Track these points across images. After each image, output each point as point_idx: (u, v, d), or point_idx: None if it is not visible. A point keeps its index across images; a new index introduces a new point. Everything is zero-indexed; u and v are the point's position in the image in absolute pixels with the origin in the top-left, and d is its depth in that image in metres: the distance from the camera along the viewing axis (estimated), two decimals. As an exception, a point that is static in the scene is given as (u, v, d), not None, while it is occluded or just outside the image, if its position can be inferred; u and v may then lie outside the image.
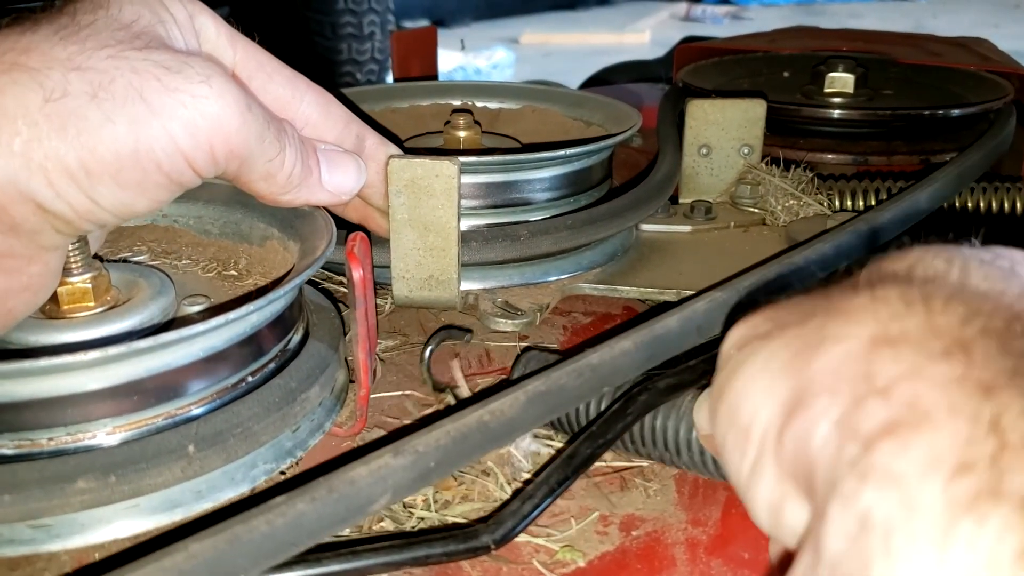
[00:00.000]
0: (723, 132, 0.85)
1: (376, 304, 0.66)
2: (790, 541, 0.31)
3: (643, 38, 6.99)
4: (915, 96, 1.09)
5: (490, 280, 0.71)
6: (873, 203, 0.85)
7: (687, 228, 0.82)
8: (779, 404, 0.31)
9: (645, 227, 0.81)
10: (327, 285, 0.71)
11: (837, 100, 1.06)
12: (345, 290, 0.70)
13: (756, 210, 0.84)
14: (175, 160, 0.43)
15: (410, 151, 0.62)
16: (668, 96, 1.05)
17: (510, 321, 0.66)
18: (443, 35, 1.37)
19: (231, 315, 0.42)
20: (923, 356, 0.26)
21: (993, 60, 1.23)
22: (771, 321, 0.34)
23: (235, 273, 0.58)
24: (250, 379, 0.47)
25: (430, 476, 0.41)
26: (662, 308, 0.63)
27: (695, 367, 0.47)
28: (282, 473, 0.48)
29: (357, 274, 0.49)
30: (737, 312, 0.53)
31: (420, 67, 1.26)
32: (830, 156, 0.99)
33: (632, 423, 0.46)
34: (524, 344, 0.65)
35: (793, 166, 0.86)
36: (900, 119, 1.01)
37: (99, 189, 0.41)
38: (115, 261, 0.57)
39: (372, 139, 0.59)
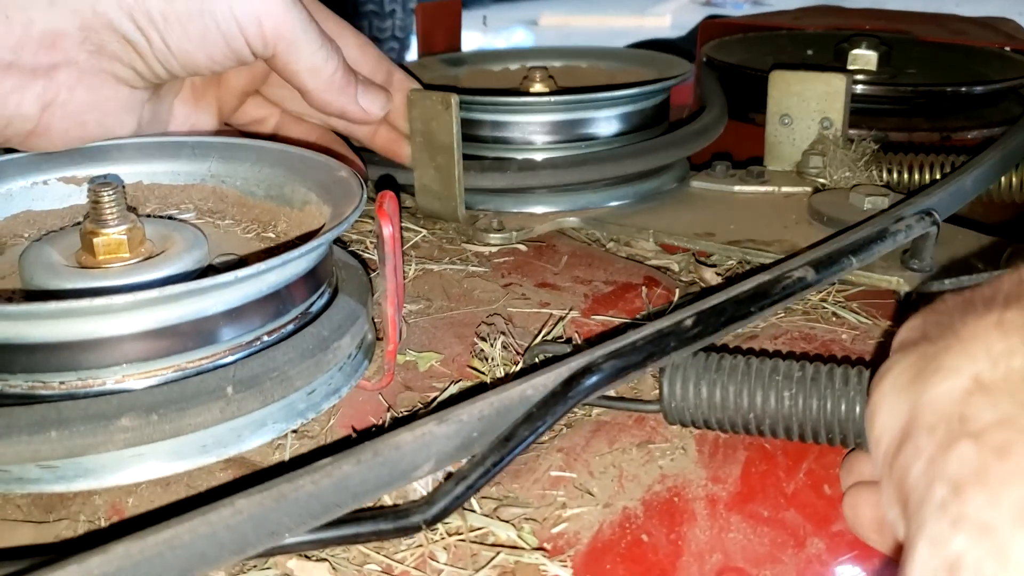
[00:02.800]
0: (803, 103, 0.86)
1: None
2: (887, 551, 0.33)
3: (664, 21, 6.94)
4: (938, 74, 1.09)
5: (509, 204, 0.82)
6: (928, 178, 0.86)
7: (734, 188, 0.84)
8: (897, 427, 0.32)
9: (695, 182, 0.86)
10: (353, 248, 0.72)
11: (859, 77, 1.06)
12: (371, 256, 0.71)
13: (820, 180, 0.85)
14: (230, 24, 0.55)
15: (427, 86, 0.75)
16: (710, 63, 1.07)
17: (496, 235, 0.76)
18: (464, 15, 1.37)
19: (262, 265, 0.43)
20: (1019, 403, 0.27)
21: (1018, 39, 1.22)
22: (921, 328, 0.36)
23: (273, 236, 0.58)
24: (284, 329, 0.48)
25: (472, 446, 0.42)
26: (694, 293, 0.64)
27: (641, 348, 0.46)
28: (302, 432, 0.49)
29: (387, 230, 0.50)
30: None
31: (444, 40, 1.26)
32: (851, 132, 0.99)
33: (573, 405, 0.44)
34: (544, 309, 0.66)
35: (857, 138, 0.87)
36: (922, 96, 1.01)
37: (171, 34, 0.54)
38: (150, 216, 0.58)
39: (399, 74, 0.74)
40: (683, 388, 0.48)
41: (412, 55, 2.92)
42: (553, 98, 0.83)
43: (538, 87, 0.87)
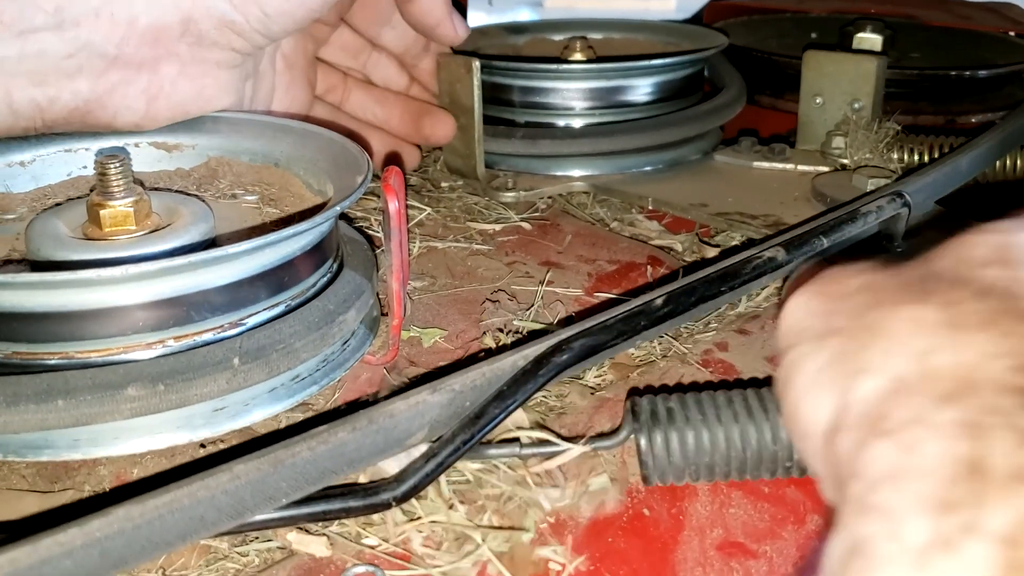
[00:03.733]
0: (835, 85, 0.87)
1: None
2: None
3: (669, 4, 6.91)
4: (943, 59, 1.09)
5: (522, 166, 0.86)
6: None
7: (753, 164, 0.86)
8: (823, 423, 0.33)
9: (719, 156, 0.88)
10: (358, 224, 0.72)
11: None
12: (376, 233, 0.71)
13: (843, 160, 0.85)
14: None
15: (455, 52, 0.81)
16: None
17: (507, 194, 0.81)
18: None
19: (268, 238, 0.44)
20: (934, 401, 0.28)
21: (1022, 24, 1.22)
22: (824, 311, 0.36)
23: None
24: (291, 302, 0.48)
25: (464, 415, 0.42)
26: (692, 268, 0.64)
27: (611, 327, 0.46)
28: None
29: (392, 205, 0.50)
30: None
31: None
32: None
33: (544, 384, 0.44)
34: (548, 288, 0.66)
35: (879, 120, 0.87)
36: (927, 79, 1.01)
37: (269, 2, 0.56)
38: (157, 189, 0.58)
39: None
40: (665, 442, 0.44)
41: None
42: (569, 66, 0.87)
43: (577, 56, 0.91)
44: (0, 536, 0.33)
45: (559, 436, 0.46)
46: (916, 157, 0.86)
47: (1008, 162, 0.88)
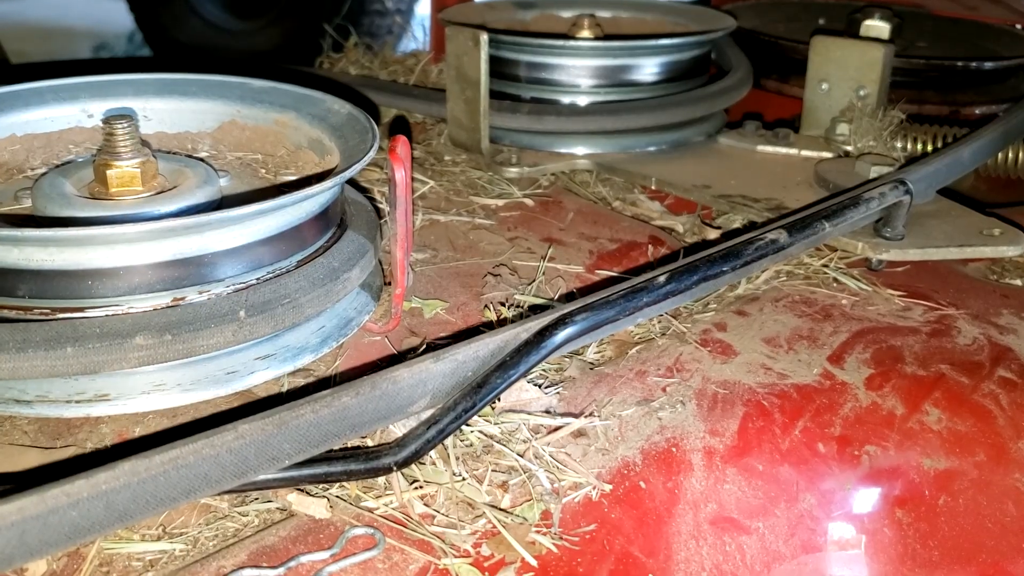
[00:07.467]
0: (841, 71, 0.87)
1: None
2: None
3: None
4: (949, 48, 1.09)
5: (525, 141, 0.86)
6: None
7: (757, 147, 0.87)
8: None
9: (723, 139, 0.89)
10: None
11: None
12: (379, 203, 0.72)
13: (846, 147, 0.85)
14: None
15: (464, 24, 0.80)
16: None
17: (511, 169, 0.81)
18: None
19: (277, 202, 0.44)
20: None
21: (1030, 18, 1.22)
22: None
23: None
24: (297, 261, 0.49)
25: (466, 384, 0.43)
26: (693, 249, 0.64)
27: (614, 303, 0.47)
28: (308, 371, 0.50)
29: (399, 174, 0.50)
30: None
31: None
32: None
33: (546, 356, 0.44)
34: (549, 263, 0.66)
35: (884, 108, 0.87)
36: (933, 69, 1.01)
37: None
38: (164, 152, 0.58)
39: None
40: None
41: (423, 8, 2.90)
42: (576, 43, 0.88)
43: (585, 33, 0.92)
44: (8, 487, 0.33)
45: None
46: (919, 146, 0.86)
47: (1010, 154, 0.89)
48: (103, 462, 0.34)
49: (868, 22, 1.06)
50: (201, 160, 0.56)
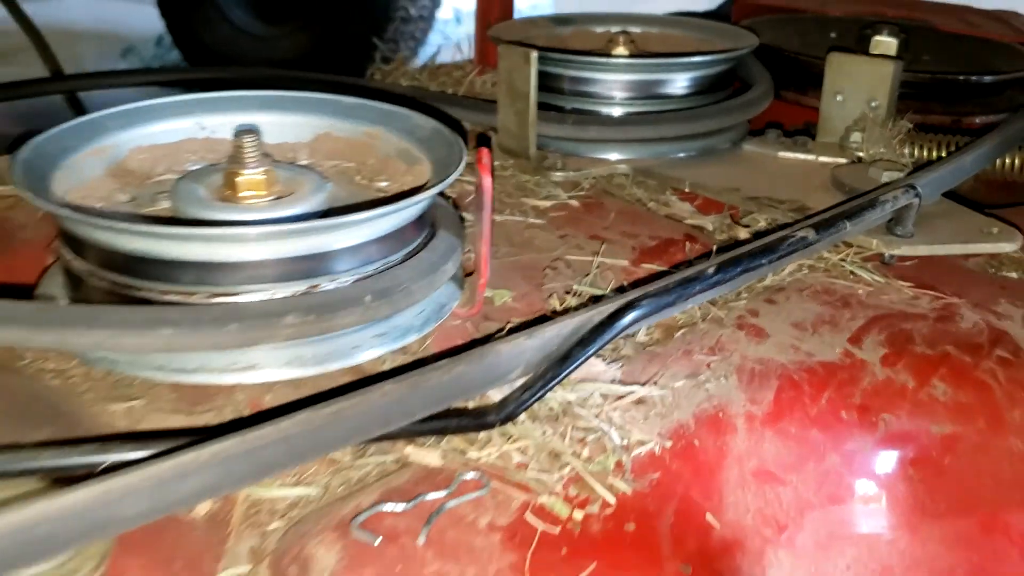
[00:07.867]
0: (855, 84, 0.96)
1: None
2: None
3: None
4: (952, 63, 1.18)
5: (571, 148, 0.95)
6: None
7: (778, 153, 0.96)
8: None
9: (747, 146, 0.98)
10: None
11: (880, 62, 1.14)
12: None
13: (859, 154, 0.94)
14: None
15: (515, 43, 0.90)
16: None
17: (557, 173, 0.89)
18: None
19: (387, 208, 0.53)
20: None
21: (1025, 32, 1.31)
22: None
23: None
24: (405, 255, 0.58)
25: (551, 358, 0.52)
26: (724, 246, 0.73)
27: (672, 290, 0.55)
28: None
29: (486, 181, 0.59)
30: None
31: (499, 9, 1.36)
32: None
33: (618, 334, 0.53)
34: (599, 258, 0.75)
35: (893, 118, 0.96)
36: (937, 83, 1.10)
37: None
38: (278, 162, 0.67)
39: None
40: None
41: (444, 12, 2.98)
42: (617, 60, 0.98)
43: (620, 50, 1.01)
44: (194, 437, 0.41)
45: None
46: (925, 153, 0.95)
47: (1007, 160, 0.97)
48: (243, 426, 0.43)
49: (877, 37, 1.15)
50: (307, 168, 0.65)
